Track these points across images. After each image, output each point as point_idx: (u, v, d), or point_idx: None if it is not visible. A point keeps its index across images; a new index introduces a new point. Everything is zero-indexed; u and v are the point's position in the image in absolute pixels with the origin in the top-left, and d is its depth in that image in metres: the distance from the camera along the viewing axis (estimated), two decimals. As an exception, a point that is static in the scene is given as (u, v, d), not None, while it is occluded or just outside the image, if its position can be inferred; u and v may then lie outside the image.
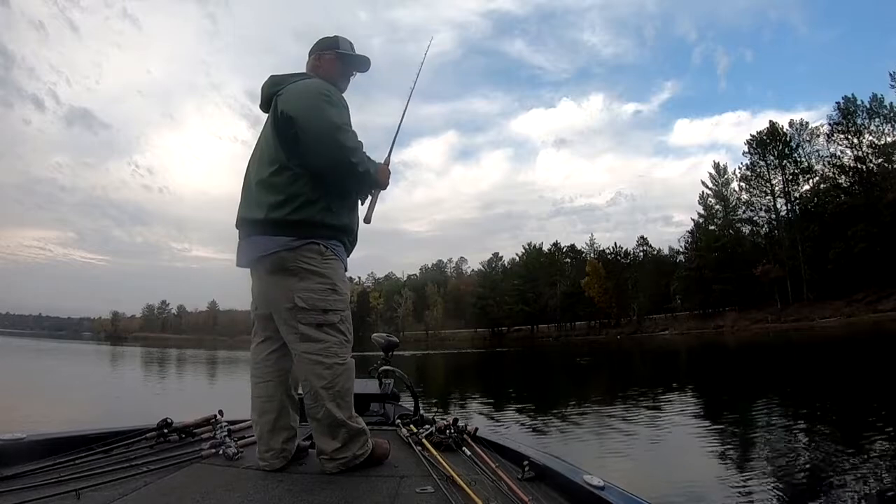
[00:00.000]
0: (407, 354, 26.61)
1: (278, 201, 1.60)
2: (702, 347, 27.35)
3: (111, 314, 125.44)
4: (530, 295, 65.84)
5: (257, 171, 1.68)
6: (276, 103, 1.67)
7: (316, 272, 1.63)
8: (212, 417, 2.03)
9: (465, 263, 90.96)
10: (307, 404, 1.63)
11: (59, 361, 22.89)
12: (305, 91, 1.66)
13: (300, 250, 1.61)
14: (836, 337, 24.63)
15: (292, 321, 1.62)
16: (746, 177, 50.23)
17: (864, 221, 37.99)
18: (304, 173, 1.62)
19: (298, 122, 1.59)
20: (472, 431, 1.92)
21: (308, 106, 1.61)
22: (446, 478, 1.46)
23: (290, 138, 1.61)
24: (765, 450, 5.09)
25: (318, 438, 1.64)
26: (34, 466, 1.48)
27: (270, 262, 1.62)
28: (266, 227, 1.61)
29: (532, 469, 1.50)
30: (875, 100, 43.15)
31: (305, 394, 1.64)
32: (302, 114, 1.60)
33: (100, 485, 1.40)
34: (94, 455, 1.63)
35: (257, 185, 1.66)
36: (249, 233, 1.66)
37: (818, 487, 3.90)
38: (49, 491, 1.31)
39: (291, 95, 1.66)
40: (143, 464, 1.60)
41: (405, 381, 2.65)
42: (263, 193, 1.63)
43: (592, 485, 1.25)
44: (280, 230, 1.60)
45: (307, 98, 1.63)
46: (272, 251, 1.61)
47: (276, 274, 1.63)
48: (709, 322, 48.76)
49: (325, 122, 1.59)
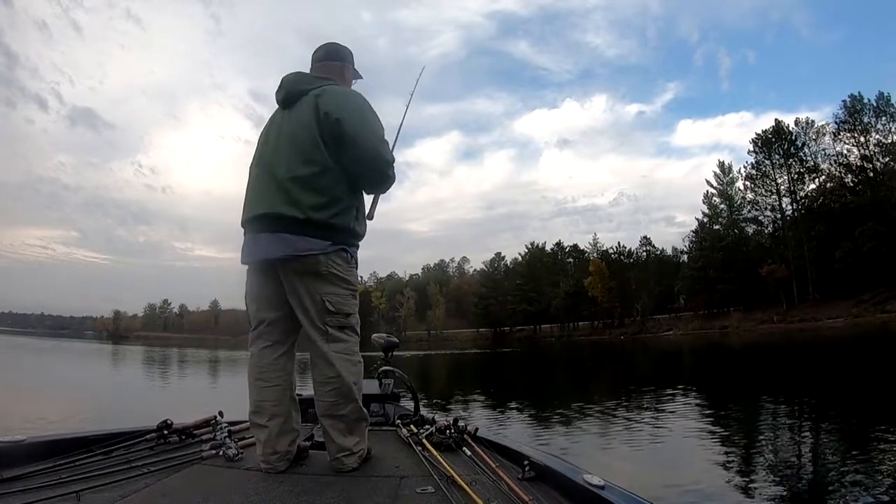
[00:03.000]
0: (408, 355, 26.42)
1: (321, 203, 1.59)
2: (706, 348, 27.22)
3: (113, 313, 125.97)
4: (533, 295, 65.66)
5: (289, 167, 1.61)
6: (317, 103, 1.63)
7: (342, 278, 1.65)
8: (212, 418, 2.01)
9: (467, 263, 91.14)
10: (328, 402, 1.63)
11: (54, 360, 22.86)
12: (352, 99, 1.68)
13: (332, 255, 1.62)
14: (843, 337, 24.47)
15: (320, 323, 1.63)
16: (751, 176, 49.95)
17: (872, 220, 37.66)
18: (344, 178, 1.63)
19: (346, 128, 1.60)
20: (473, 431, 1.91)
21: (357, 114, 1.64)
22: (447, 478, 1.45)
23: (334, 141, 1.61)
24: (769, 452, 5.01)
25: (337, 436, 1.63)
26: (34, 468, 1.48)
27: (303, 263, 1.59)
28: (304, 227, 1.58)
29: (532, 469, 1.49)
30: (882, 98, 42.88)
31: (327, 392, 1.63)
32: (351, 121, 1.61)
33: (100, 486, 1.38)
34: (95, 457, 1.63)
35: (292, 181, 1.59)
36: (277, 229, 1.59)
37: (823, 490, 3.85)
38: (49, 493, 1.30)
39: (338, 99, 1.64)
40: (144, 465, 1.59)
41: (405, 381, 2.61)
42: (302, 192, 1.59)
43: (593, 484, 1.24)
44: (319, 232, 1.59)
45: (356, 107, 1.66)
46: (308, 252, 1.58)
47: (305, 276, 1.61)
48: (713, 322, 48.46)
49: (372, 134, 1.65)
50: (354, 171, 1.65)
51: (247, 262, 1.69)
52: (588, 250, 67.76)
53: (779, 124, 48.80)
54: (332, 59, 1.84)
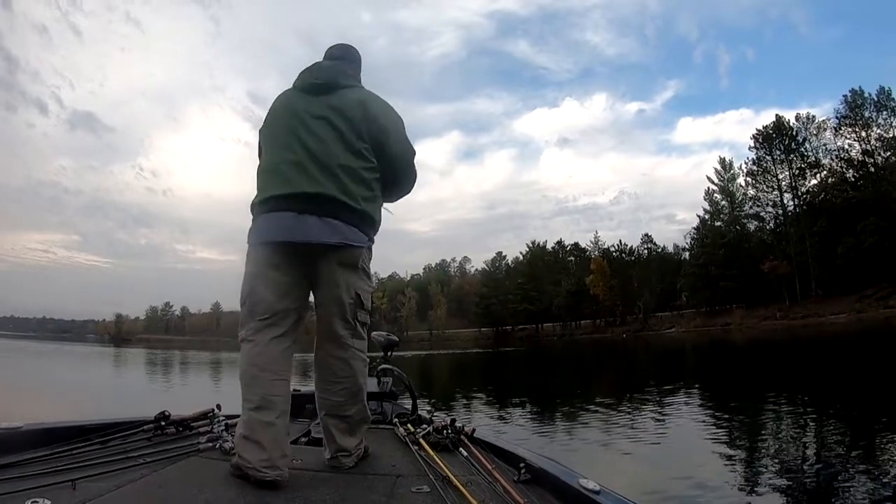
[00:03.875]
0: (409, 355, 26.27)
1: (369, 197, 1.62)
2: (709, 345, 27.12)
3: (115, 316, 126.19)
4: (534, 294, 65.57)
5: (335, 154, 1.58)
6: (365, 105, 1.64)
7: (369, 274, 1.67)
8: (209, 411, 2.02)
9: (468, 263, 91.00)
10: (336, 402, 1.61)
11: (54, 363, 22.87)
12: (394, 112, 1.74)
13: (367, 251, 1.65)
14: (846, 333, 24.37)
15: (351, 318, 1.60)
16: (752, 172, 49.82)
17: (874, 215, 37.52)
18: (376, 177, 1.67)
19: (391, 137, 1.67)
20: (470, 432, 1.90)
21: (398, 126, 1.73)
22: (442, 478, 1.45)
23: (376, 146, 1.64)
24: (773, 451, 4.96)
25: (339, 436, 1.61)
26: (30, 455, 1.48)
27: (346, 254, 1.57)
28: (356, 218, 1.58)
29: (528, 471, 1.49)
30: (882, 93, 42.76)
31: (337, 391, 1.60)
32: (394, 131, 1.69)
33: (96, 475, 1.37)
34: (91, 446, 1.63)
35: (342, 168, 1.57)
36: (328, 213, 1.54)
37: (827, 489, 3.81)
38: (45, 480, 1.29)
39: (383, 108, 1.70)
40: (140, 456, 1.58)
41: (404, 380, 2.61)
42: (353, 183, 1.59)
43: (588, 489, 1.24)
44: (364, 226, 1.61)
45: (396, 118, 1.73)
46: (358, 244, 1.58)
47: (347, 268, 1.59)
48: (716, 319, 48.33)
49: (409, 147, 1.76)
50: (391, 178, 1.73)
51: (276, 240, 1.53)
52: (589, 249, 67.65)
53: (780, 120, 48.70)
54: (346, 59, 1.84)
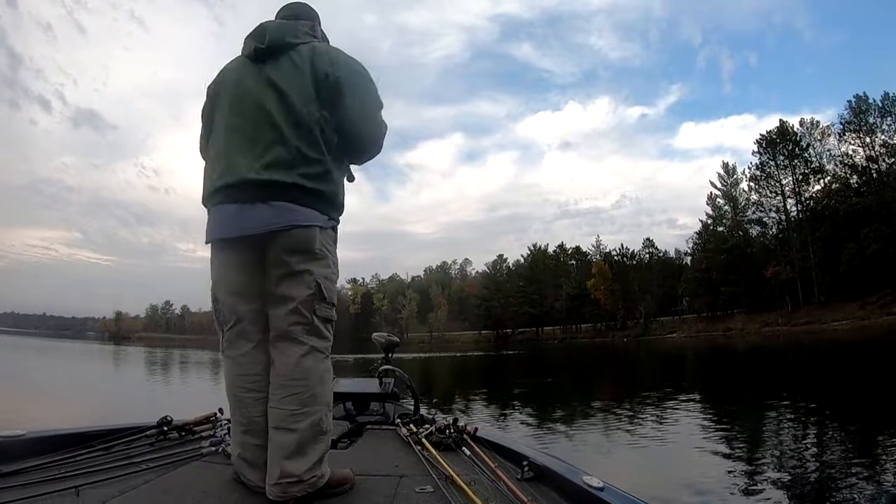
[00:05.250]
0: (409, 357, 26.17)
1: (318, 171, 1.36)
2: (710, 351, 26.98)
3: (115, 314, 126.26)
4: (535, 297, 65.41)
5: (278, 128, 1.35)
6: (313, 61, 1.41)
7: (333, 261, 1.44)
8: (212, 415, 2.01)
9: (469, 265, 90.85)
10: (283, 411, 1.32)
11: (48, 360, 22.84)
12: (353, 61, 1.48)
13: (326, 232, 1.40)
14: (849, 340, 24.29)
15: (307, 311, 1.36)
16: (756, 177, 49.53)
17: (878, 222, 37.34)
18: (338, 145, 1.43)
19: (347, 90, 1.41)
20: (472, 431, 1.90)
21: (359, 77, 1.47)
22: (446, 477, 1.45)
23: (331, 104, 1.40)
24: (773, 458, 4.95)
25: (285, 457, 1.29)
26: (34, 463, 1.48)
27: (298, 238, 1.33)
28: (301, 196, 1.34)
29: (531, 469, 1.49)
30: (887, 98, 42.51)
31: (284, 398, 1.33)
32: (354, 83, 1.44)
33: (100, 482, 1.38)
34: (94, 452, 1.62)
35: (283, 144, 1.34)
36: (267, 196, 1.32)
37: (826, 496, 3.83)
38: (49, 488, 1.30)
39: (341, 57, 1.45)
40: (143, 461, 1.58)
41: (405, 380, 2.60)
42: (297, 157, 1.35)
43: (592, 486, 1.24)
44: (316, 203, 1.37)
45: (357, 69, 1.47)
46: (308, 224, 1.34)
47: (298, 254, 1.34)
48: (717, 325, 48.10)
49: (374, 99, 1.50)
50: (348, 138, 1.44)
51: (224, 237, 1.38)
52: (591, 252, 67.49)
53: (783, 125, 48.44)
54: (301, 18, 1.58)
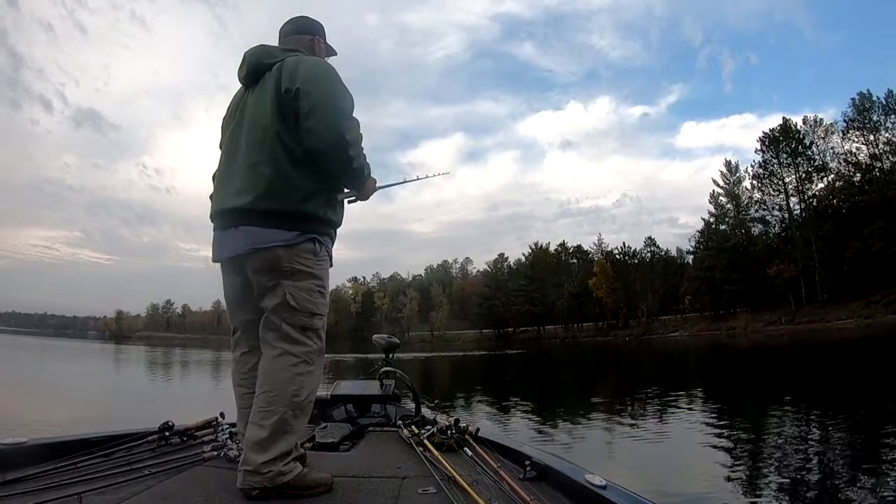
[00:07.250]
0: (409, 357, 26.06)
1: (283, 189, 1.44)
2: (713, 350, 26.87)
3: (115, 313, 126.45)
4: (536, 296, 65.23)
5: (249, 153, 1.48)
6: (279, 76, 1.49)
7: (309, 273, 1.50)
8: (213, 420, 2.00)
9: (470, 264, 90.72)
10: (257, 407, 1.45)
11: (48, 358, 22.77)
12: (318, 67, 1.52)
13: (298, 248, 1.48)
14: (853, 339, 24.16)
15: (276, 319, 1.48)
16: (759, 175, 49.37)
17: (882, 220, 37.13)
18: (305, 160, 1.48)
19: (307, 97, 1.43)
20: (474, 432, 1.91)
21: (321, 83, 1.47)
22: (448, 478, 1.46)
23: (293, 115, 1.45)
24: (776, 457, 4.93)
25: (250, 448, 1.40)
26: (36, 470, 1.48)
27: (263, 258, 1.46)
28: (265, 218, 1.45)
29: (534, 469, 1.49)
30: (891, 96, 42.30)
31: (258, 395, 1.45)
32: (313, 90, 1.44)
33: (101, 488, 1.38)
34: (96, 459, 1.63)
35: (252, 168, 1.46)
36: (238, 222, 1.48)
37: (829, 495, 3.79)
38: (51, 495, 1.30)
39: (302, 67, 1.48)
40: (145, 467, 1.59)
41: (406, 381, 2.59)
42: (262, 179, 1.45)
43: (595, 484, 1.24)
44: (282, 222, 1.45)
45: (322, 75, 1.50)
46: (269, 244, 1.44)
47: (267, 273, 1.47)
48: (720, 323, 47.97)
49: (334, 105, 1.47)
50: (313, 148, 1.46)
51: (216, 260, 1.60)
52: (592, 251, 67.33)
53: (786, 123, 48.23)
54: (300, 33, 1.71)
